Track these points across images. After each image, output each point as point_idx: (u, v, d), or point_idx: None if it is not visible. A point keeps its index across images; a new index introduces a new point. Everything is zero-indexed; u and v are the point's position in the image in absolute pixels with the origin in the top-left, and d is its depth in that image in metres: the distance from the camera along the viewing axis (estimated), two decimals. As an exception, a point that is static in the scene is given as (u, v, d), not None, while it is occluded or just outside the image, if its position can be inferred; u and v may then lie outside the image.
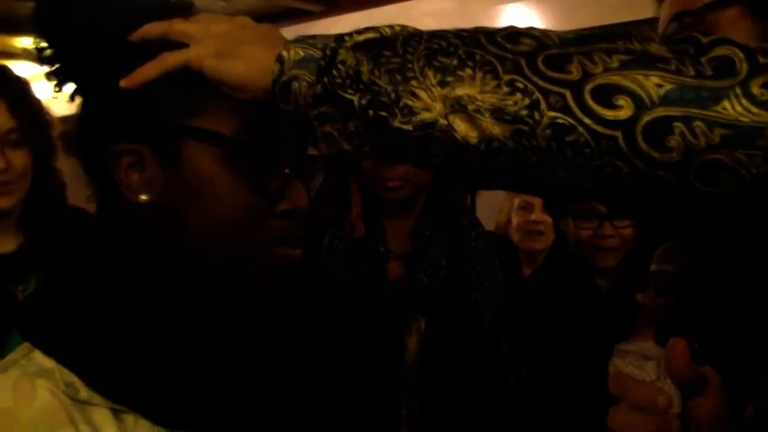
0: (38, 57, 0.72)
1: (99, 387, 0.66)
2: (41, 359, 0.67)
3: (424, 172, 1.41)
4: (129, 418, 0.66)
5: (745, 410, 0.69)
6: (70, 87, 0.74)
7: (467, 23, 0.63)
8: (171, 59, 0.67)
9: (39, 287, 1.42)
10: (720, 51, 0.53)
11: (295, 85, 0.62)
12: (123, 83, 0.67)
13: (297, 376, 0.77)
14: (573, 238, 1.76)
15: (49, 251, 1.48)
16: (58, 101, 0.77)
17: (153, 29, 0.69)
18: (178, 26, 0.69)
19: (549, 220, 2.27)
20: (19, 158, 1.49)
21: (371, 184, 1.42)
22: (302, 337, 0.80)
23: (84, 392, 0.65)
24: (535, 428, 1.47)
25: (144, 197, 0.69)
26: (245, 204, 0.68)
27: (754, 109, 0.51)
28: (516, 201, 2.42)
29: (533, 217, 2.36)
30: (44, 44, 0.71)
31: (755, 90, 0.51)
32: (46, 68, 0.72)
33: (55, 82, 0.73)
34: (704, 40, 0.54)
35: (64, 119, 1.58)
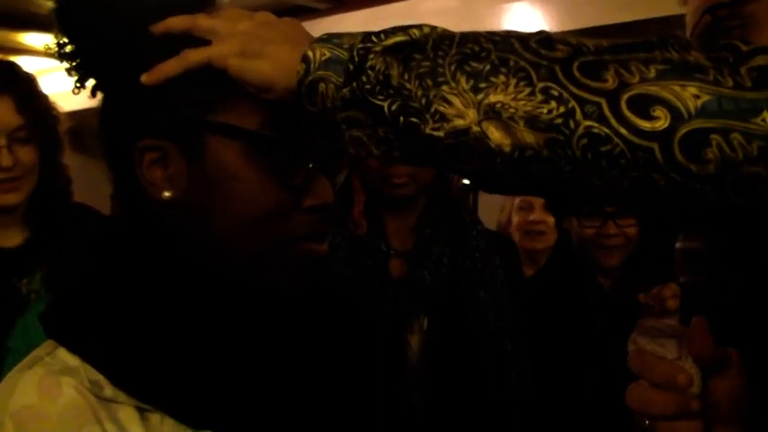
0: (58, 53, 0.71)
1: (124, 385, 0.66)
2: (66, 357, 0.67)
3: (427, 170, 1.42)
4: (155, 417, 0.66)
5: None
6: (89, 83, 0.73)
7: (471, 22, 0.63)
8: (193, 57, 0.66)
9: (43, 279, 1.44)
10: (760, 61, 0.52)
11: (322, 86, 0.62)
12: (144, 78, 0.66)
13: (312, 374, 0.76)
14: (576, 236, 1.76)
15: (54, 246, 1.49)
16: (65, 96, 0.77)
17: (176, 23, 0.68)
18: (202, 22, 0.68)
19: (549, 219, 2.27)
20: (26, 155, 1.49)
21: (376, 181, 1.42)
22: (316, 335, 0.80)
23: (110, 390, 0.65)
24: (538, 426, 1.47)
25: (167, 194, 0.68)
26: (270, 200, 0.67)
27: None
28: (516, 200, 2.42)
29: (533, 217, 2.35)
30: (65, 39, 0.71)
31: None
32: (56, 64, 0.72)
33: (75, 78, 0.72)
34: (744, 48, 0.53)
35: (71, 114, 1.59)
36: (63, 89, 0.74)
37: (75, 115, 1.56)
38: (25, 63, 1.62)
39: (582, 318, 1.64)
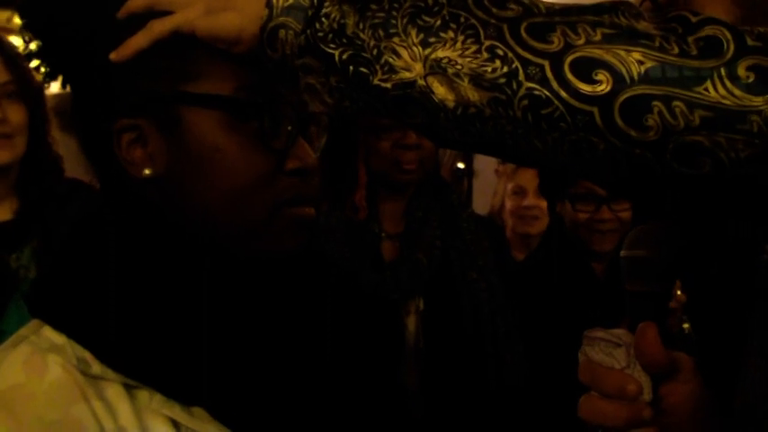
0: (25, 50, 0.71)
1: (112, 362, 0.65)
2: (52, 335, 0.66)
3: (432, 156, 1.44)
4: (143, 394, 0.65)
5: (735, 402, 0.68)
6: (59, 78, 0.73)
7: None
8: (159, 26, 0.66)
9: (46, 263, 1.43)
10: (709, 31, 0.52)
11: (282, 32, 0.62)
12: (113, 55, 0.66)
13: (304, 351, 0.76)
14: (570, 221, 1.75)
15: (45, 220, 1.48)
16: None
17: (137, 2, 0.68)
18: None
19: (543, 204, 2.26)
20: (15, 113, 1.49)
21: (385, 165, 1.42)
22: (308, 311, 0.80)
23: (97, 368, 0.65)
24: (532, 409, 1.47)
25: (148, 171, 0.67)
26: (253, 166, 0.67)
27: (737, 92, 0.50)
28: (510, 185, 2.42)
29: (526, 202, 2.36)
30: (30, 36, 0.71)
31: (741, 72, 0.50)
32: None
33: (45, 73, 0.72)
34: (693, 19, 0.53)
35: (56, 96, 1.58)
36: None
37: (61, 96, 1.56)
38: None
39: (574, 303, 1.64)
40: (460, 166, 2.84)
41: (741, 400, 0.66)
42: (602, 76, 0.52)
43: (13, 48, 1.53)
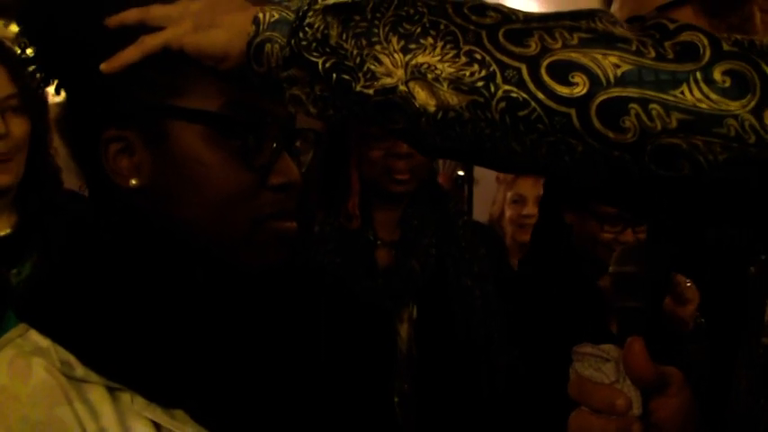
0: (21, 56, 0.73)
1: (94, 365, 0.66)
2: (37, 338, 0.67)
3: (425, 166, 1.44)
4: (125, 396, 0.66)
5: (726, 413, 0.67)
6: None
7: None
8: (150, 41, 0.67)
9: (33, 268, 1.42)
10: (686, 37, 0.52)
11: (268, 46, 0.63)
12: (103, 67, 0.67)
13: (293, 357, 0.77)
14: (589, 237, 1.75)
15: (44, 234, 1.48)
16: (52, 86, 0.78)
17: (130, 15, 0.69)
18: (155, 10, 0.69)
19: (542, 212, 2.28)
20: (18, 126, 1.48)
21: (377, 174, 1.42)
22: (298, 319, 0.80)
23: (80, 370, 0.66)
24: (525, 417, 1.47)
25: (134, 182, 0.69)
26: (236, 181, 0.68)
27: (713, 96, 0.50)
28: (509, 194, 2.43)
29: (526, 211, 2.37)
30: (26, 41, 0.73)
31: (717, 76, 0.51)
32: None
33: (39, 78, 0.74)
34: (671, 26, 0.53)
35: (59, 104, 1.58)
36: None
37: (63, 104, 1.55)
38: (15, 53, 1.62)
39: (572, 314, 1.63)
40: (460, 173, 2.84)
41: (730, 411, 0.66)
42: (578, 78, 0.52)
43: (17, 57, 1.52)
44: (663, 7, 0.78)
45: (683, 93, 0.51)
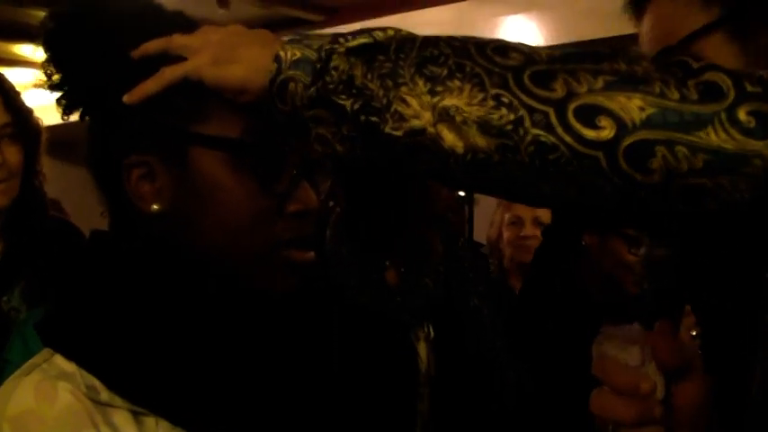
0: (47, 83, 0.74)
1: (119, 389, 0.67)
2: (62, 363, 0.68)
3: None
4: (150, 421, 0.67)
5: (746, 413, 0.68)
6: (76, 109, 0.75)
7: (466, 33, 0.63)
8: (170, 73, 0.68)
9: (22, 295, 1.42)
10: (709, 77, 0.53)
11: (291, 85, 0.64)
12: (126, 98, 0.69)
13: (314, 379, 0.78)
14: (614, 258, 1.75)
15: (31, 261, 1.48)
16: (48, 110, 0.78)
17: (152, 46, 0.70)
18: (177, 40, 0.70)
19: (539, 234, 2.28)
20: (13, 155, 1.49)
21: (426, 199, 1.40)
22: (318, 341, 0.81)
23: (105, 395, 0.66)
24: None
25: (156, 206, 0.70)
26: (254, 207, 0.69)
27: (738, 136, 0.51)
28: (507, 216, 2.45)
29: (524, 232, 2.39)
30: (52, 69, 0.73)
31: (742, 117, 0.51)
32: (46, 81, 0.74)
33: (64, 105, 0.74)
34: (695, 65, 0.54)
35: (51, 128, 1.59)
36: (50, 102, 0.76)
37: (55, 129, 1.57)
38: (16, 75, 1.63)
39: (577, 337, 1.63)
40: (461, 194, 2.85)
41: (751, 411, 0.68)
42: (605, 122, 0.54)
43: (12, 87, 1.54)
44: (692, 36, 0.78)
45: (707, 134, 0.51)
